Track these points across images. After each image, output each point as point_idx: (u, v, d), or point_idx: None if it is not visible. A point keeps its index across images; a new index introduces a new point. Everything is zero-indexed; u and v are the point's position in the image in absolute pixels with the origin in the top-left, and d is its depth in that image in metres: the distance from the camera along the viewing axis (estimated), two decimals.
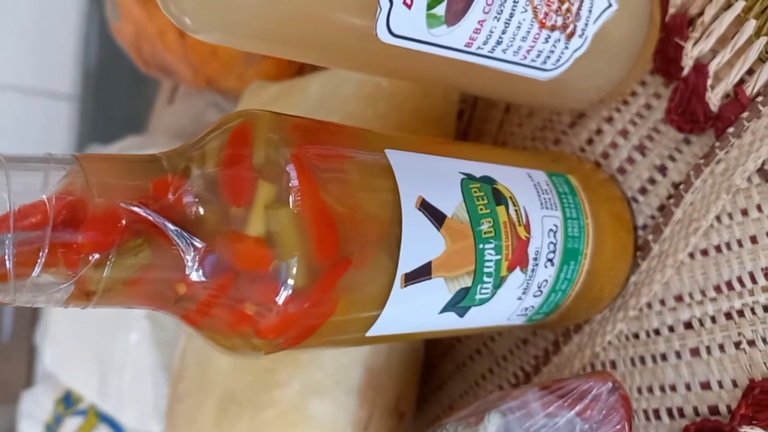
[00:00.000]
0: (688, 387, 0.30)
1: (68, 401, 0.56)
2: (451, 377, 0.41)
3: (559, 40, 0.27)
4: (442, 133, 0.36)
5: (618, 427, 0.27)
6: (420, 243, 0.24)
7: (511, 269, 0.26)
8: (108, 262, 0.19)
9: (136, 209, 0.19)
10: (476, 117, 0.39)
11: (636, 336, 0.32)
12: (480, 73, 0.28)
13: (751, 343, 0.28)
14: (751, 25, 0.28)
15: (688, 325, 0.30)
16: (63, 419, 0.55)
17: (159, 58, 0.53)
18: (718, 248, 0.29)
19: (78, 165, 0.19)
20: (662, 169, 0.31)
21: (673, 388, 0.31)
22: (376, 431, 0.34)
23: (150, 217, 0.20)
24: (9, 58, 1.43)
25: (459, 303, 0.26)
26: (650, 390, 0.31)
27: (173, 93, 0.68)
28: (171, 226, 0.20)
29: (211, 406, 0.35)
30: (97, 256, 0.19)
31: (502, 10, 0.25)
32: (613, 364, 0.33)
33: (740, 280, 0.29)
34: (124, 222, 0.19)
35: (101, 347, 0.51)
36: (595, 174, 0.32)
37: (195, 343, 0.37)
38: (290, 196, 0.21)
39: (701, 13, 0.30)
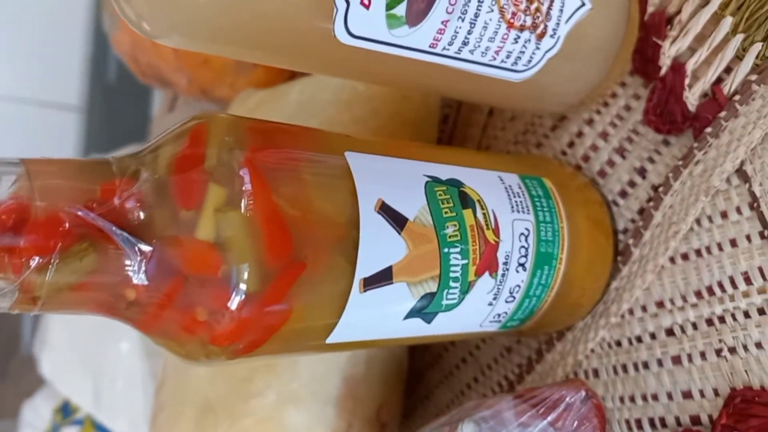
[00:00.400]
0: (669, 396, 0.29)
1: (66, 411, 0.56)
2: (438, 386, 0.40)
3: (529, 40, 0.27)
4: (423, 137, 0.36)
5: None
6: (379, 247, 0.23)
7: (479, 274, 0.26)
8: (51, 267, 0.19)
9: (79, 213, 0.19)
10: (460, 121, 0.38)
11: (618, 343, 0.31)
12: (449, 75, 0.27)
13: (732, 350, 0.27)
14: (727, 22, 0.27)
15: (670, 332, 0.29)
16: (60, 429, 0.55)
17: (155, 68, 0.54)
18: (698, 252, 0.29)
19: (23, 168, 0.19)
20: (642, 172, 0.31)
21: (655, 398, 0.30)
22: None
23: (94, 221, 0.19)
24: (17, 70, 1.45)
25: (425, 309, 0.25)
26: (632, 399, 0.31)
27: (173, 102, 0.68)
28: (116, 230, 0.20)
29: (190, 416, 0.35)
30: (38, 260, 0.19)
31: (466, 10, 0.25)
32: (596, 373, 0.32)
33: (721, 285, 0.28)
34: (66, 226, 0.19)
35: (95, 357, 0.51)
36: (574, 178, 0.31)
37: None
38: (241, 199, 0.21)
39: (679, 12, 0.29)
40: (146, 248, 0.20)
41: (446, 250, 0.25)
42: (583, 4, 0.28)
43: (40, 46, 1.44)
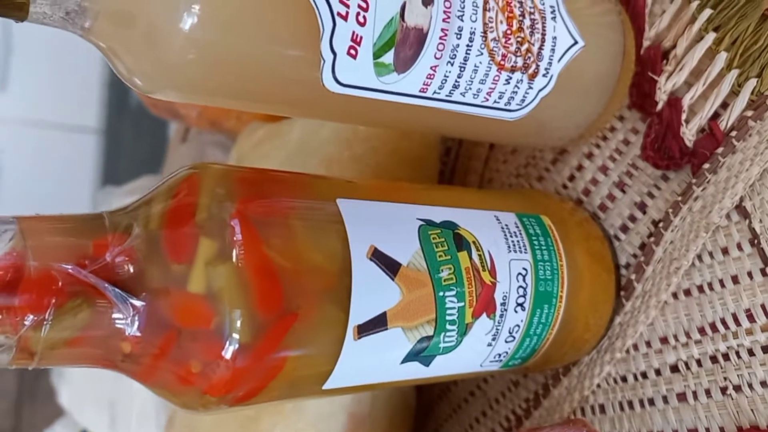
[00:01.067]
0: None
1: None
2: (447, 420, 0.40)
3: (521, 80, 0.27)
4: (424, 173, 0.36)
5: None
6: (372, 293, 0.23)
7: (476, 316, 0.26)
8: (45, 324, 0.19)
9: (71, 271, 0.19)
10: (462, 154, 0.39)
11: (624, 379, 0.31)
12: (443, 117, 0.27)
13: (737, 388, 0.27)
14: (722, 58, 0.27)
15: (674, 369, 0.29)
16: None
17: (166, 101, 0.55)
18: (700, 288, 0.28)
19: (17, 227, 0.20)
20: (642, 207, 0.30)
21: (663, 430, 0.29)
22: None
23: (86, 279, 0.20)
24: (37, 95, 1.48)
25: (422, 353, 0.25)
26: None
27: (186, 133, 0.69)
28: (108, 287, 0.20)
29: None
30: (33, 318, 0.19)
31: (455, 55, 0.25)
32: (603, 408, 0.32)
33: (724, 322, 0.28)
34: (60, 284, 0.19)
35: (111, 388, 0.51)
36: (574, 213, 0.31)
37: None
38: (232, 252, 0.21)
39: (674, 46, 0.29)
40: (138, 303, 0.21)
41: (441, 293, 0.25)
42: (576, 42, 0.28)
43: (60, 70, 1.47)
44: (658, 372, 0.30)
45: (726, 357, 0.27)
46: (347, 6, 0.23)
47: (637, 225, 0.30)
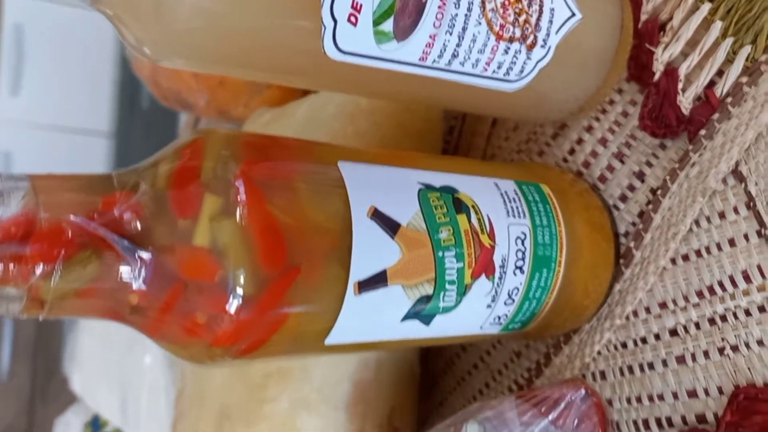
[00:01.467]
0: (675, 396, 0.29)
1: (95, 425, 0.58)
2: (451, 392, 0.41)
3: (519, 51, 0.28)
4: (427, 148, 0.37)
5: None
6: (373, 251, 0.24)
7: (475, 277, 0.26)
8: (55, 273, 0.20)
9: (80, 223, 0.20)
10: (465, 131, 0.39)
11: (624, 345, 0.31)
12: (443, 87, 0.28)
13: (735, 348, 0.28)
14: (717, 27, 0.28)
15: (674, 333, 0.30)
16: None
17: (175, 91, 0.56)
18: (698, 253, 0.29)
19: (29, 183, 0.21)
20: (640, 176, 0.31)
21: (661, 398, 0.30)
22: None
23: (95, 230, 0.21)
24: (50, 99, 1.51)
25: (422, 311, 0.26)
26: (639, 400, 0.31)
27: (196, 123, 0.70)
28: (116, 239, 0.21)
29: (208, 423, 0.36)
30: (43, 267, 0.20)
31: (453, 24, 0.26)
32: (603, 375, 0.32)
33: (721, 285, 0.28)
34: (69, 235, 0.20)
35: (122, 370, 0.52)
36: (574, 184, 0.32)
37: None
38: (236, 207, 0.22)
39: (671, 18, 0.30)
40: (146, 255, 0.21)
41: (441, 253, 0.25)
42: (573, 14, 0.29)
43: (72, 75, 1.49)
44: (657, 336, 0.30)
45: (723, 318, 0.28)
46: None
47: (636, 194, 0.31)
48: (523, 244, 0.28)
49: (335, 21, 0.23)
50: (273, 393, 0.34)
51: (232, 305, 0.22)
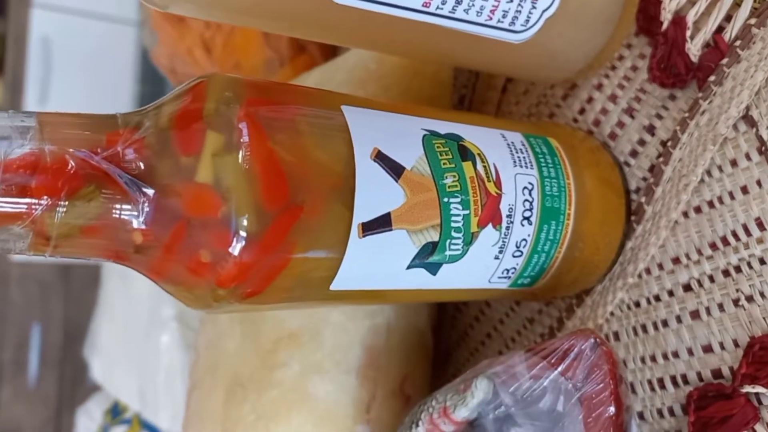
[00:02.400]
0: (690, 352, 0.29)
1: (115, 411, 0.58)
2: (465, 364, 0.40)
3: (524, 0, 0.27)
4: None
5: (602, 385, 0.26)
6: (376, 193, 0.24)
7: (482, 225, 0.26)
8: (60, 207, 0.20)
9: (84, 156, 0.20)
10: (475, 99, 0.39)
11: (637, 304, 0.31)
12: (448, 37, 0.28)
13: (750, 298, 0.27)
14: None
15: (687, 288, 0.29)
16: (110, 428, 0.57)
17: (191, 77, 0.56)
18: (710, 203, 0.28)
19: (36, 119, 0.21)
20: (650, 129, 0.30)
21: (675, 355, 0.29)
22: (379, 412, 0.34)
23: (98, 164, 0.21)
24: (72, 108, 1.53)
25: (428, 259, 0.25)
26: (654, 359, 0.30)
27: None
28: (120, 173, 0.21)
29: (220, 391, 0.36)
30: (47, 199, 0.20)
31: None
32: (617, 335, 0.32)
33: (735, 234, 0.27)
34: (72, 167, 0.20)
35: (140, 355, 0.52)
36: (584, 141, 0.32)
37: (205, 330, 0.38)
38: (238, 144, 0.22)
39: None
40: (149, 191, 0.22)
41: (446, 199, 0.25)
42: None
43: (96, 87, 1.52)
44: (670, 293, 0.30)
45: (738, 269, 0.27)
46: None
47: (647, 148, 0.31)
48: (530, 194, 0.27)
49: None
50: (284, 358, 0.34)
51: (236, 241, 0.22)
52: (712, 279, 0.28)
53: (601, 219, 0.30)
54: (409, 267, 0.25)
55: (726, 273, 0.28)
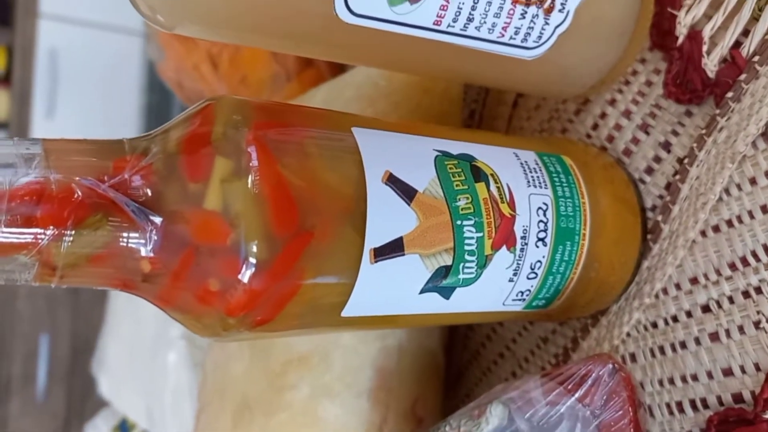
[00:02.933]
0: (710, 375, 0.28)
1: (123, 428, 0.58)
2: (477, 384, 0.39)
3: (537, 15, 0.27)
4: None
5: (620, 412, 0.25)
6: (388, 217, 0.23)
7: (496, 248, 0.26)
8: (66, 237, 0.20)
9: (90, 184, 0.20)
10: (486, 114, 0.39)
11: (654, 325, 0.30)
12: (460, 55, 0.27)
13: None
14: None
15: (706, 309, 0.28)
16: None
17: (198, 92, 0.56)
18: (729, 223, 0.28)
19: (41, 146, 0.21)
20: (666, 146, 0.30)
21: (695, 378, 0.29)
22: None
23: (105, 192, 0.20)
24: (80, 122, 1.54)
25: (441, 283, 0.25)
26: (672, 381, 0.29)
27: None
28: (126, 201, 0.21)
29: (228, 413, 0.35)
30: (53, 229, 0.20)
31: None
32: (633, 357, 0.31)
33: (755, 255, 0.27)
34: (79, 196, 0.20)
35: (148, 373, 0.52)
36: (598, 158, 0.31)
37: (213, 352, 0.38)
38: (247, 170, 0.21)
39: None
40: (157, 219, 0.21)
41: (459, 222, 0.25)
42: None
43: (103, 98, 1.52)
44: (689, 314, 0.29)
45: (758, 290, 0.27)
46: None
47: (663, 165, 0.30)
48: (545, 214, 0.27)
49: None
50: (293, 380, 0.33)
51: (245, 269, 0.21)
52: (731, 300, 0.27)
53: (617, 238, 0.29)
54: (422, 291, 0.25)
55: (746, 294, 0.27)
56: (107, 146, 0.22)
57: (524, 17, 0.27)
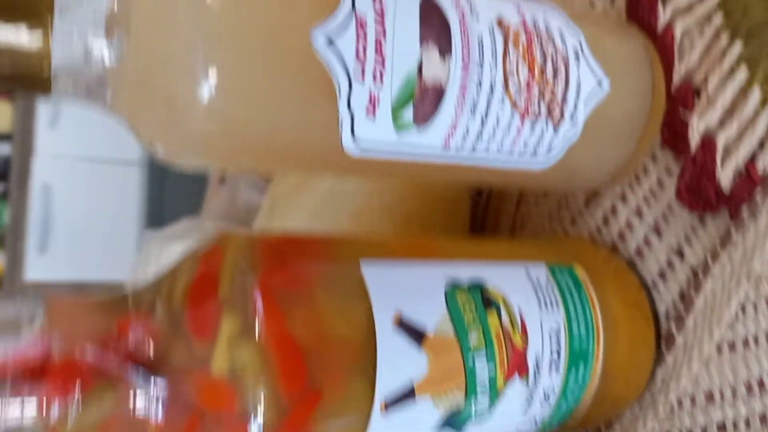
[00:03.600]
0: None
1: None
2: None
3: (546, 129, 0.26)
4: (456, 217, 0.35)
5: None
6: (399, 364, 0.23)
7: (508, 380, 0.25)
8: (72, 408, 0.19)
9: (95, 354, 0.19)
10: (494, 195, 0.38)
11: None
12: (469, 172, 0.27)
13: None
14: (756, 94, 0.26)
15: (722, 428, 0.28)
16: None
17: None
18: (745, 342, 0.27)
19: (44, 308, 0.20)
20: (679, 252, 0.29)
21: None
22: None
23: (109, 362, 0.20)
24: (83, 132, 1.53)
25: (453, 420, 0.24)
26: None
27: (224, 174, 0.70)
28: (132, 369, 0.20)
29: None
30: (60, 402, 0.19)
31: (475, 107, 0.24)
32: None
33: None
34: (85, 368, 0.19)
35: None
36: (608, 261, 0.30)
37: None
38: (254, 329, 0.21)
39: (706, 82, 0.28)
40: (162, 384, 0.20)
41: (471, 359, 0.24)
42: (602, 85, 0.27)
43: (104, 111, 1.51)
44: (704, 430, 0.28)
45: None
46: (363, 65, 0.22)
47: (676, 272, 0.29)
48: (557, 339, 0.26)
49: (352, 115, 0.22)
50: None
51: None
52: (747, 424, 0.27)
53: (631, 351, 0.28)
54: (434, 430, 0.24)
55: (763, 419, 0.26)
56: (111, 305, 0.21)
57: (533, 131, 0.26)
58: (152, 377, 0.20)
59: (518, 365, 0.25)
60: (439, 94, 0.24)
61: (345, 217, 0.35)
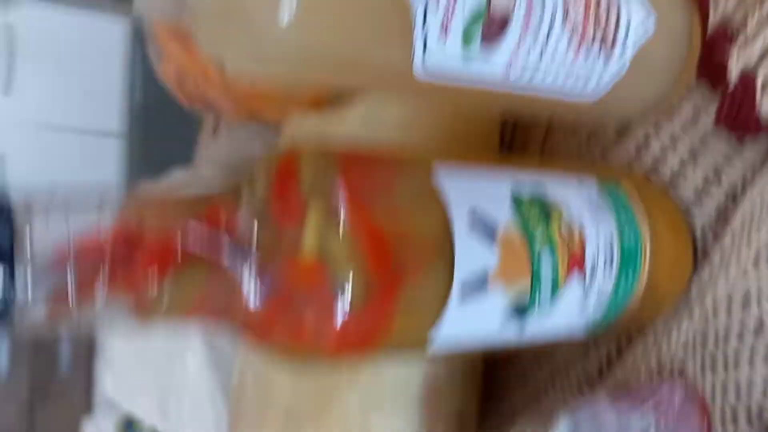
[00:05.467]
0: (765, 393, 0.29)
1: (129, 426, 0.58)
2: (513, 389, 0.40)
3: (598, 60, 0.28)
4: (485, 145, 0.37)
5: None
6: (473, 256, 0.24)
7: (568, 278, 0.27)
8: (165, 284, 0.20)
9: (188, 232, 0.20)
10: (519, 130, 0.39)
11: (704, 339, 0.31)
12: (522, 102, 0.28)
13: None
14: None
15: (759, 330, 0.29)
16: None
17: (201, 94, 0.55)
18: None
19: (133, 198, 0.21)
20: (717, 177, 0.31)
21: (748, 391, 0.30)
22: None
23: (204, 239, 0.21)
24: (59, 100, 1.48)
25: (519, 313, 0.26)
26: (725, 394, 0.31)
27: (217, 125, 0.70)
28: (226, 248, 0.21)
29: (273, 425, 0.36)
30: (152, 277, 0.20)
31: (538, 32, 0.26)
32: (681, 370, 0.32)
33: None
34: (178, 245, 0.20)
35: (161, 372, 0.52)
36: (647, 183, 0.32)
37: (253, 363, 0.38)
38: (339, 216, 0.22)
39: (745, 25, 0.30)
40: (255, 265, 0.21)
41: (536, 254, 0.26)
42: (649, 24, 0.29)
43: (81, 75, 1.47)
44: (739, 335, 0.30)
45: None
46: None
47: (711, 195, 0.31)
48: (610, 245, 0.28)
49: (426, 38, 0.24)
50: (342, 393, 0.34)
51: (339, 313, 0.22)
52: None
53: (673, 262, 0.30)
54: (501, 322, 0.26)
55: None
56: (198, 198, 0.22)
57: (585, 66, 0.28)
58: (244, 258, 0.21)
59: (577, 264, 0.27)
60: (505, 20, 0.25)
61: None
